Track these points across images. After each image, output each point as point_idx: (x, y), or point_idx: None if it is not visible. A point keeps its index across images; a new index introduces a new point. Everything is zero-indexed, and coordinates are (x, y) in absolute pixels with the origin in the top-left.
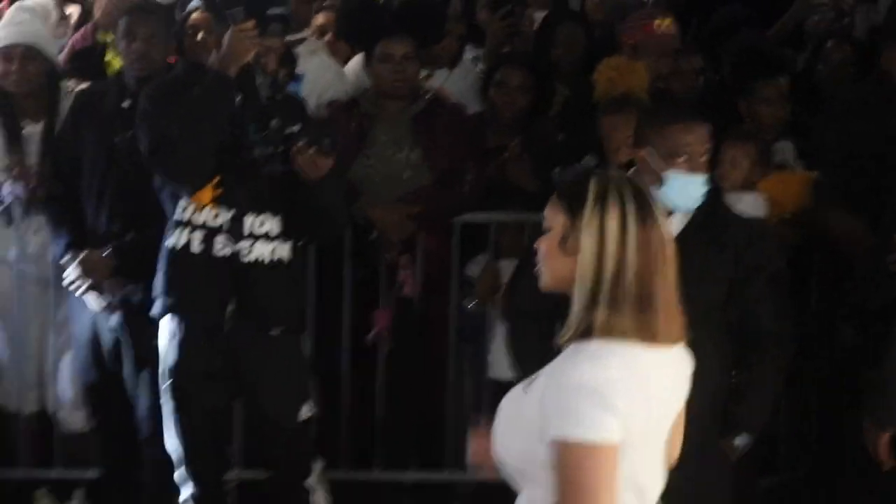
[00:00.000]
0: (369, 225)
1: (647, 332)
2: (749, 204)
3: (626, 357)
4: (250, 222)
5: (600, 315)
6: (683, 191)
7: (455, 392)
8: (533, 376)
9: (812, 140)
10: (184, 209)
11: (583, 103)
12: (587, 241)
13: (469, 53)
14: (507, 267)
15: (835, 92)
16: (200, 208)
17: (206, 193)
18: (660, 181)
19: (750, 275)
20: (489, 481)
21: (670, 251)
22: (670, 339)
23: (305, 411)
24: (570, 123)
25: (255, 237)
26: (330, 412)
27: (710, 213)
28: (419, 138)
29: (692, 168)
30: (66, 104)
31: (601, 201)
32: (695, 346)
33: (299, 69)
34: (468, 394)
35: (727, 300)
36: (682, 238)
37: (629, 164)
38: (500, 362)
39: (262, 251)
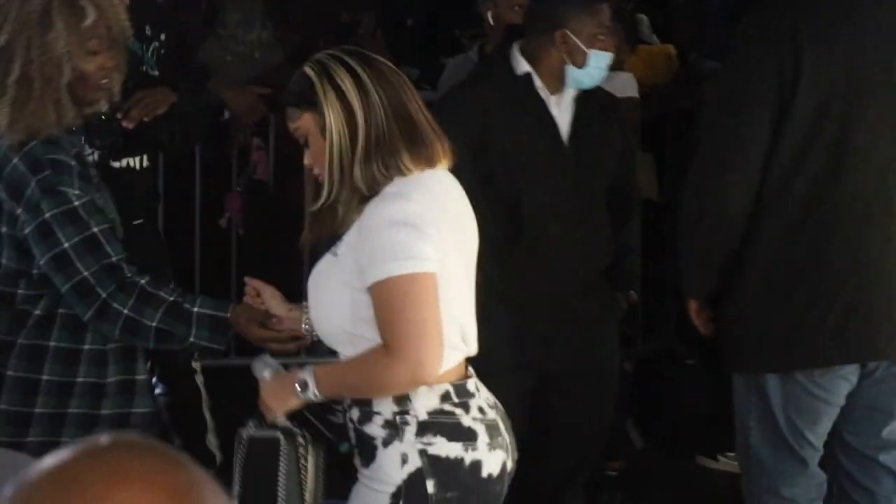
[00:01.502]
0: (221, 107)
1: (428, 161)
2: (622, 83)
3: (423, 188)
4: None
5: (373, 164)
6: (599, 69)
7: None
8: (337, 242)
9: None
10: None
11: None
12: (333, 111)
13: None
14: None
15: None
16: None
17: None
18: (584, 61)
19: (629, 146)
20: None
21: (403, 77)
22: (442, 159)
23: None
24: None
25: None
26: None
27: (593, 90)
28: (270, 16)
29: (606, 47)
30: None
31: (326, 76)
32: (597, 212)
33: None
34: None
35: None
36: (579, 114)
37: (511, 33)
38: None
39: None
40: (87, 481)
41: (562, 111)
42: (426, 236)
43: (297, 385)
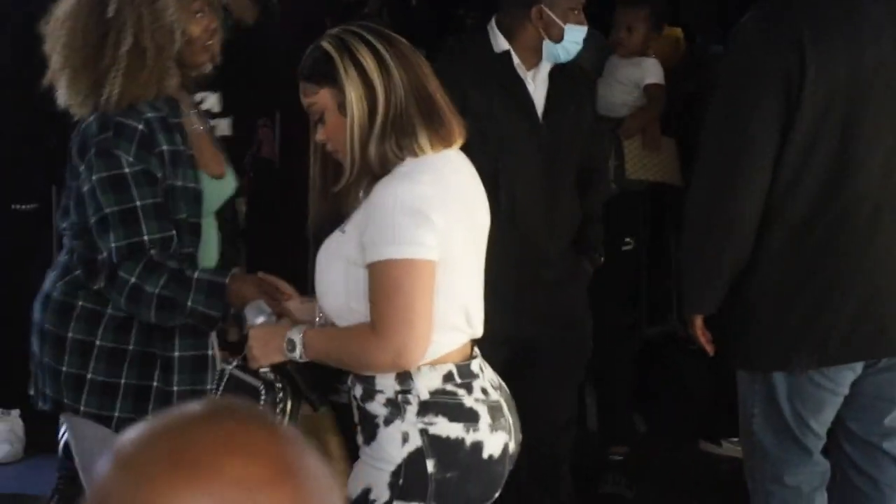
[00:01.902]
0: None
1: (444, 140)
2: (647, 68)
3: (434, 171)
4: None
5: (388, 144)
6: (576, 43)
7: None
8: (346, 220)
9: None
10: None
11: None
12: (354, 89)
13: None
14: None
15: None
16: None
17: None
18: (560, 36)
19: (597, 122)
20: None
21: (421, 56)
22: (458, 139)
23: None
24: None
25: None
26: None
27: (566, 64)
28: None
29: (581, 21)
30: None
31: (348, 52)
32: (567, 186)
33: None
34: None
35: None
36: (554, 89)
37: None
38: None
39: None
40: (200, 447)
41: (537, 86)
42: (429, 222)
43: (284, 343)
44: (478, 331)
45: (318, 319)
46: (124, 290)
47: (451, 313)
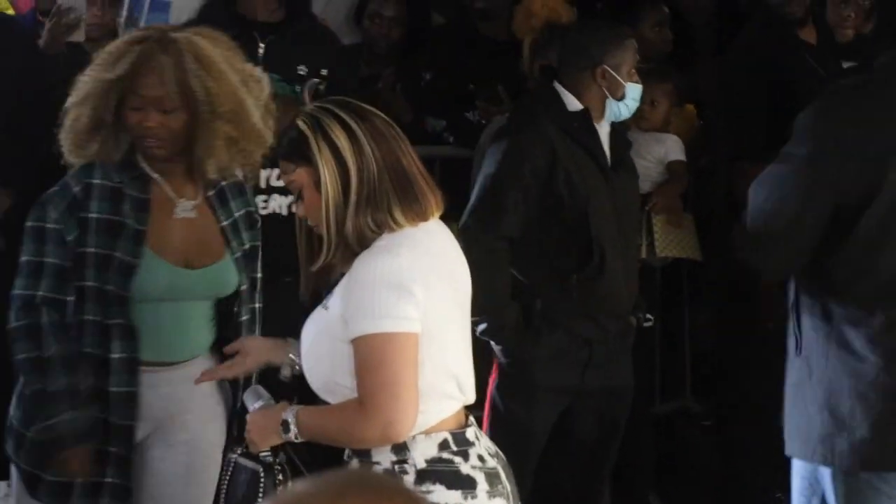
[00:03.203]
0: None
1: (419, 215)
2: (670, 146)
3: (412, 243)
4: (266, 175)
5: (362, 220)
6: (635, 100)
7: None
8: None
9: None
10: None
11: (465, 33)
12: (328, 167)
13: None
14: None
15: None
16: None
17: None
18: (622, 94)
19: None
20: None
21: (397, 130)
22: (435, 211)
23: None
24: (445, 56)
25: (272, 190)
26: None
27: (615, 126)
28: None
29: (638, 80)
30: None
31: (321, 131)
32: (634, 239)
33: None
34: None
35: None
36: (615, 146)
37: (548, 74)
38: None
39: (279, 203)
40: None
41: (604, 143)
42: (409, 295)
43: (279, 425)
44: (470, 397)
45: (295, 368)
46: (8, 334)
47: (442, 381)
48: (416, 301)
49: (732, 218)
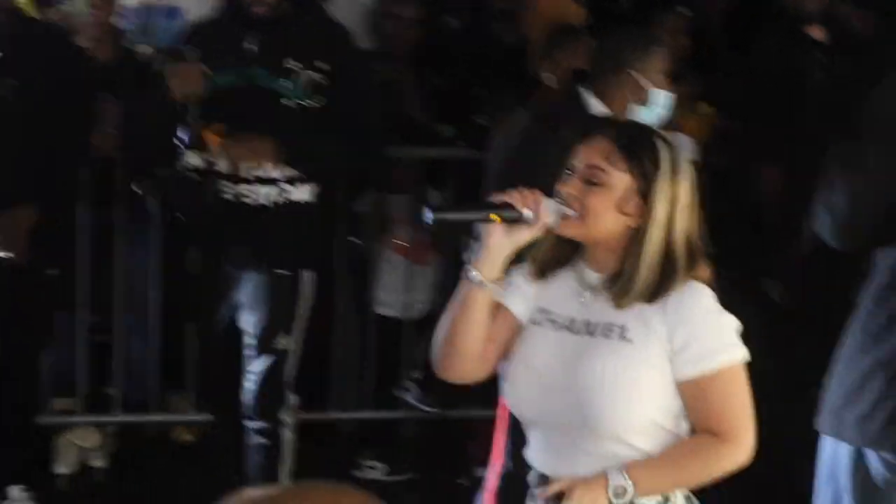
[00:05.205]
0: None
1: (709, 277)
2: (682, 145)
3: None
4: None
5: (681, 275)
6: (661, 107)
7: (342, 327)
8: (611, 326)
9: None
10: (186, 154)
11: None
12: (660, 210)
13: None
14: (395, 202)
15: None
16: (207, 153)
17: (213, 138)
18: (647, 99)
19: None
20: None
21: None
22: None
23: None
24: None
25: (262, 181)
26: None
27: None
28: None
29: (667, 86)
30: None
31: (674, 172)
32: None
33: None
34: (353, 330)
35: None
36: None
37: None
38: (386, 298)
39: (268, 194)
40: None
41: None
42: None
43: (611, 492)
44: None
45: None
46: None
47: None
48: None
49: (747, 219)
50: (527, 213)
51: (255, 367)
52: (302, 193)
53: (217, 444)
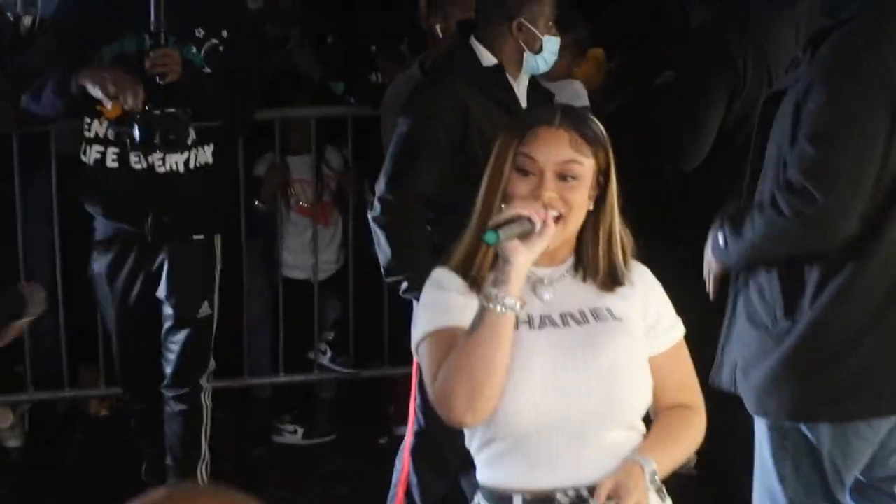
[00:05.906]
0: None
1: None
2: (573, 92)
3: None
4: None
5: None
6: (553, 53)
7: (251, 292)
8: (598, 309)
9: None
10: (89, 126)
11: None
12: (615, 187)
13: None
14: (294, 163)
15: None
16: (108, 124)
17: (115, 109)
18: (540, 47)
19: None
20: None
21: None
22: None
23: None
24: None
25: (170, 144)
26: None
27: (536, 80)
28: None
29: (555, 32)
30: None
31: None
32: None
33: None
34: (260, 293)
35: None
36: (533, 101)
37: (464, 29)
38: (294, 261)
39: (175, 160)
40: None
41: (521, 98)
42: None
43: (648, 478)
44: None
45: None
46: None
47: None
48: None
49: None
50: (538, 221)
51: (178, 338)
52: (206, 155)
53: (133, 415)
